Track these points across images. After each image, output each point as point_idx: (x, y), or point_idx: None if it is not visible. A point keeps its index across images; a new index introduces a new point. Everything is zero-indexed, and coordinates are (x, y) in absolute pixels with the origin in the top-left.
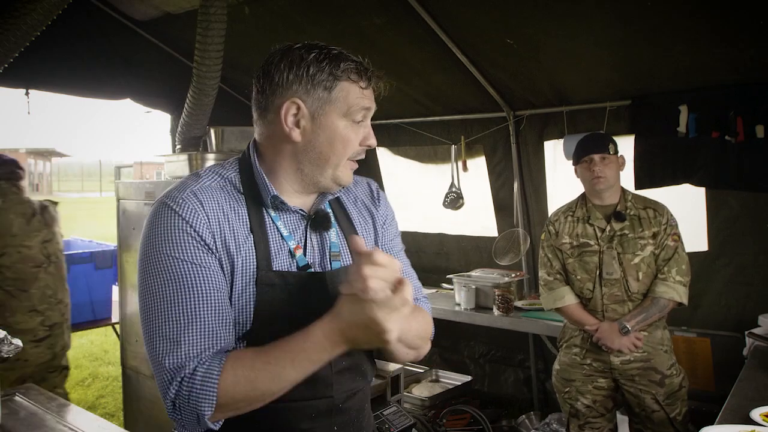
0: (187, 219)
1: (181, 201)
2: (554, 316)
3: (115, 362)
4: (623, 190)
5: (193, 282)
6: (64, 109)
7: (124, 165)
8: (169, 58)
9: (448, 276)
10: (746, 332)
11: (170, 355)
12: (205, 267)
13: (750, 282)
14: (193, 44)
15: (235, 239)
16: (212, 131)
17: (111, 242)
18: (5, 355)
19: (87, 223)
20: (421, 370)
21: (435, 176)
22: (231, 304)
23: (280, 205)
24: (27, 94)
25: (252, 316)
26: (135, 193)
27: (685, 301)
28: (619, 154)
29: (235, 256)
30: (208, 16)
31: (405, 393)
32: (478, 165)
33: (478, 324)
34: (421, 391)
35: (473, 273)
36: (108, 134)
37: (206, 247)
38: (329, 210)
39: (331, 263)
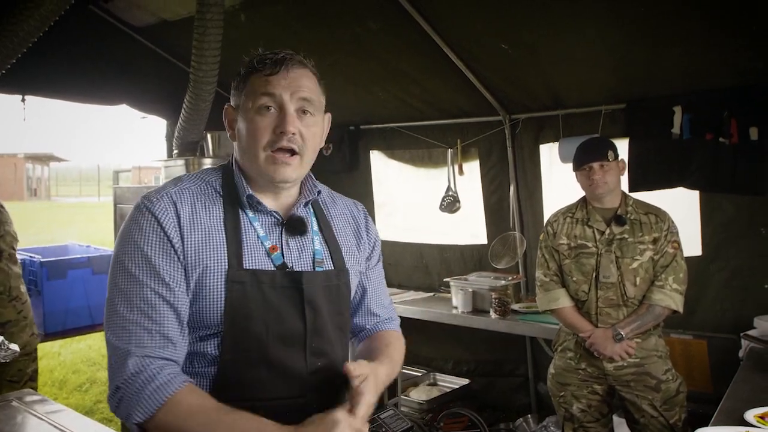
0: (157, 216)
1: (155, 200)
2: (551, 319)
3: None
4: (624, 195)
5: (153, 277)
6: (62, 114)
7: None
8: (166, 63)
9: (445, 279)
10: (741, 334)
11: (127, 342)
12: (168, 272)
13: (745, 285)
14: (189, 50)
15: (206, 238)
16: (209, 136)
17: (109, 247)
18: (2, 360)
19: (85, 227)
20: (419, 374)
21: (428, 180)
22: (199, 302)
23: (256, 206)
24: (23, 100)
25: (222, 314)
26: (132, 197)
27: (680, 309)
28: (619, 159)
29: (206, 255)
30: (204, 23)
31: (402, 396)
32: (473, 169)
33: (475, 327)
34: (419, 394)
35: (470, 276)
36: (105, 138)
37: (171, 245)
38: (312, 218)
39: (314, 268)
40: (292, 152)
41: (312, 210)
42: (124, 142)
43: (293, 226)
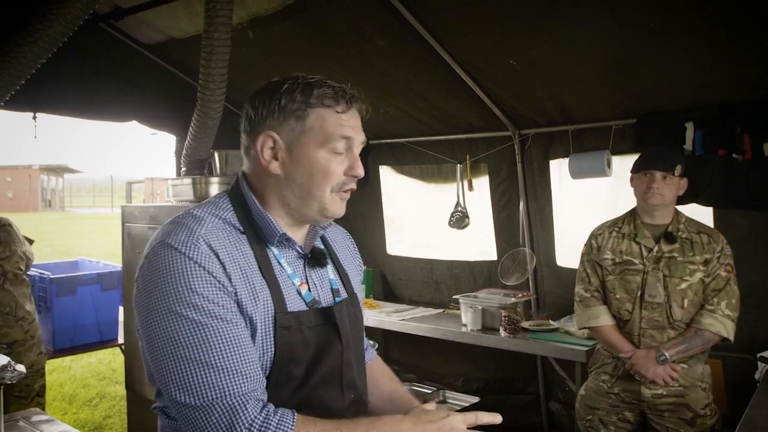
0: (201, 263)
1: (191, 245)
2: (563, 337)
3: (123, 382)
4: (677, 212)
5: (223, 325)
6: (75, 126)
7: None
8: (175, 79)
9: (454, 296)
10: (758, 355)
11: (221, 398)
12: (227, 308)
13: (760, 303)
14: (197, 66)
15: (249, 284)
16: (216, 155)
17: (119, 262)
18: (8, 382)
19: (98, 239)
20: (429, 391)
21: (438, 195)
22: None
23: (285, 243)
24: (34, 117)
25: (271, 361)
26: (140, 216)
27: (731, 337)
28: (683, 178)
29: (253, 301)
30: (211, 41)
31: None
32: (483, 185)
33: (485, 345)
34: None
35: (479, 294)
36: (119, 151)
37: (224, 289)
38: (322, 246)
39: (334, 299)
40: None
41: (320, 240)
42: (137, 154)
43: (317, 259)
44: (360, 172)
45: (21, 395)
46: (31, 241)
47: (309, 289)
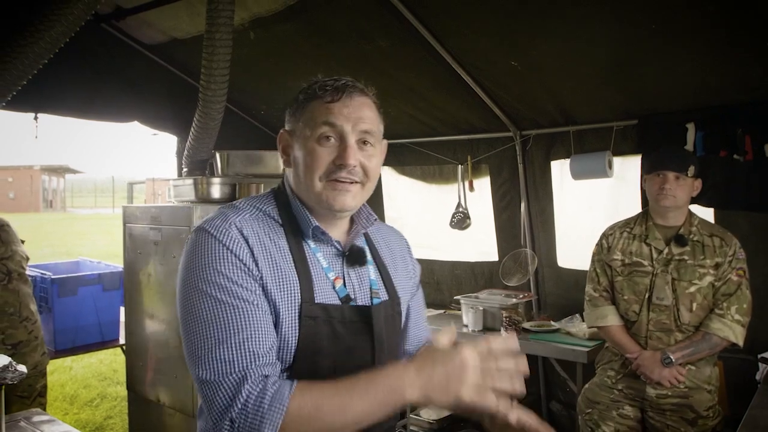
0: (230, 247)
1: (223, 230)
2: (564, 338)
3: (124, 383)
4: (690, 213)
5: (242, 305)
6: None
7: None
8: (176, 79)
9: (455, 297)
10: (759, 356)
11: (229, 374)
12: (251, 290)
13: (762, 304)
14: (199, 67)
15: (278, 271)
16: (218, 155)
17: (120, 262)
18: (10, 382)
19: (99, 239)
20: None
21: (439, 196)
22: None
23: (320, 236)
24: (36, 118)
25: (294, 350)
26: (141, 217)
27: (740, 343)
28: (697, 179)
29: (280, 289)
30: (213, 42)
31: (412, 415)
32: (484, 185)
33: None
34: (429, 413)
35: (481, 294)
36: (120, 151)
37: (250, 273)
38: (365, 246)
39: (372, 300)
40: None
41: (363, 238)
42: (139, 154)
43: (355, 257)
44: (347, 161)
45: (23, 395)
46: (22, 241)
47: (344, 284)
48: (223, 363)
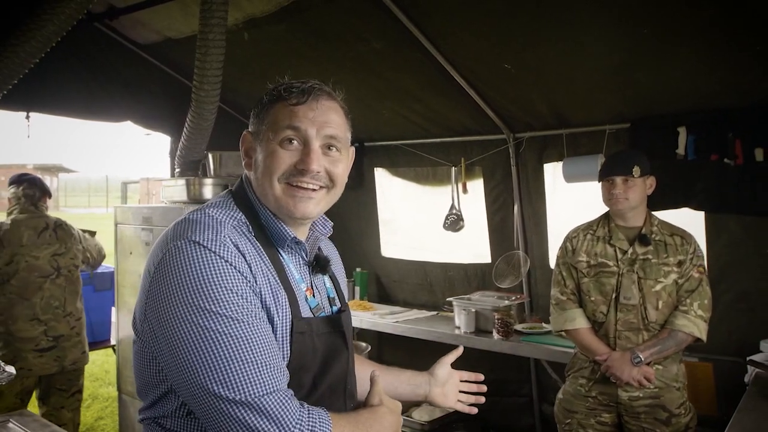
0: (232, 263)
1: (220, 244)
2: (555, 340)
3: (115, 384)
4: (649, 214)
5: (259, 324)
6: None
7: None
8: (170, 79)
9: (448, 299)
10: (747, 359)
11: (270, 397)
12: (259, 307)
13: (752, 307)
14: (192, 67)
15: (271, 286)
16: (210, 156)
17: (112, 263)
18: None
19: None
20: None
21: (432, 198)
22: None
23: (294, 247)
24: (27, 117)
25: (285, 366)
26: (133, 217)
27: (704, 337)
28: (648, 176)
29: (274, 305)
30: (206, 42)
31: (404, 417)
32: (477, 187)
33: (478, 348)
34: (421, 415)
35: (473, 296)
36: (114, 150)
37: (253, 289)
38: (324, 253)
39: (332, 307)
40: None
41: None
42: (133, 153)
43: (321, 265)
44: (310, 166)
45: (62, 388)
46: (93, 233)
47: (313, 295)
48: (256, 383)
